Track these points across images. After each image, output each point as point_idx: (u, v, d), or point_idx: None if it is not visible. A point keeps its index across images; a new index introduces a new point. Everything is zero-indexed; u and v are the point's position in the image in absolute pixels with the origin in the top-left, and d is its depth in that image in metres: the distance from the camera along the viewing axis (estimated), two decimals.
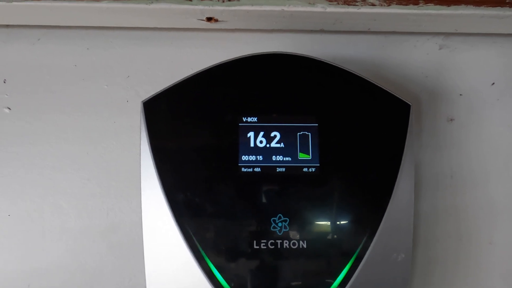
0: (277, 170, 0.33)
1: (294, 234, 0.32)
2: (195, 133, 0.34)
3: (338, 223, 0.33)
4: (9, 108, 0.43)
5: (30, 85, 0.43)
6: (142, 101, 0.35)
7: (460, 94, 0.44)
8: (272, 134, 0.34)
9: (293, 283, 0.32)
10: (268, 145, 0.34)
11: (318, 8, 0.37)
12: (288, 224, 0.32)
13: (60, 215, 0.42)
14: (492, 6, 0.37)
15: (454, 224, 0.43)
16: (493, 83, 0.44)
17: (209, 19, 0.39)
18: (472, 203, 0.43)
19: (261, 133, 0.34)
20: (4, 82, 0.43)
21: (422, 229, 0.43)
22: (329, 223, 0.33)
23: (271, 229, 0.32)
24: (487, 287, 0.43)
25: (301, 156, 0.34)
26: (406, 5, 0.37)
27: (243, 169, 0.33)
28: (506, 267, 0.43)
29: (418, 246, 0.42)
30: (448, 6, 0.37)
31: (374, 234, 0.32)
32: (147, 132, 0.33)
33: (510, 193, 0.43)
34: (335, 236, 0.33)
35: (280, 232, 0.32)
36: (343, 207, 0.33)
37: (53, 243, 0.42)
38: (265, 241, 0.32)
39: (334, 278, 0.32)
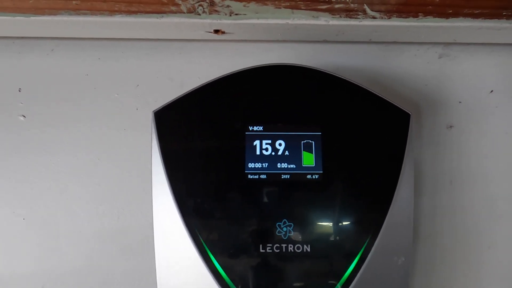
0: (282, 177, 0.35)
1: (298, 238, 0.34)
2: (204, 141, 0.35)
3: (340, 227, 0.34)
4: (24, 116, 0.44)
5: (44, 94, 0.44)
6: (153, 110, 0.36)
7: (460, 102, 0.45)
8: (277, 143, 0.35)
9: (298, 286, 0.33)
10: (273, 153, 0.35)
11: (321, 21, 0.38)
12: (292, 229, 0.34)
13: (73, 219, 0.43)
14: (489, 19, 0.38)
15: (454, 229, 0.44)
16: (492, 91, 0.45)
17: (216, 31, 0.40)
18: (471, 208, 0.44)
19: (267, 142, 0.35)
20: (19, 91, 0.44)
21: (422, 233, 0.44)
22: (332, 227, 0.34)
23: (277, 233, 0.34)
24: None
25: (305, 163, 0.35)
26: (406, 17, 0.38)
27: (249, 176, 0.35)
28: (505, 271, 0.44)
29: (419, 250, 0.43)
30: (447, 19, 0.38)
31: (375, 239, 0.33)
32: (157, 140, 0.35)
33: (509, 199, 0.44)
34: (338, 240, 0.34)
35: (285, 237, 0.34)
36: (345, 213, 0.34)
37: (66, 246, 0.43)
38: (270, 245, 0.33)
39: (337, 280, 0.33)
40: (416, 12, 0.38)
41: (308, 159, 0.35)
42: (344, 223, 0.34)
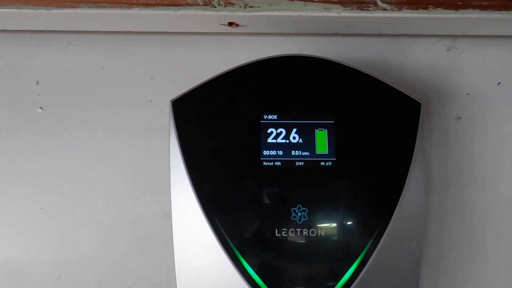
0: (296, 164, 0.36)
1: (312, 223, 0.34)
2: (220, 129, 0.36)
3: (353, 212, 0.35)
4: (42, 108, 0.45)
5: (61, 86, 0.45)
6: (171, 100, 0.37)
7: (468, 94, 0.46)
8: (292, 131, 0.36)
9: (313, 268, 0.34)
10: (287, 141, 0.36)
11: (333, 13, 0.39)
12: (307, 214, 0.35)
13: (89, 208, 0.44)
14: (498, 10, 0.39)
15: (463, 219, 0.45)
16: (499, 83, 0.46)
17: (231, 24, 0.41)
18: (480, 198, 0.45)
19: (281, 130, 0.36)
20: (37, 83, 0.45)
21: (431, 222, 0.44)
22: (344, 212, 0.35)
23: (291, 218, 0.35)
24: (494, 279, 0.45)
25: (319, 151, 0.36)
26: (416, 9, 0.39)
27: (264, 163, 0.35)
28: None
29: (428, 239, 0.44)
30: (456, 10, 0.39)
31: (387, 224, 0.34)
32: (175, 128, 0.36)
33: None
34: (351, 224, 0.35)
35: (299, 221, 0.35)
36: (358, 198, 0.35)
37: (83, 234, 0.44)
38: (285, 229, 0.34)
39: (353, 260, 0.34)
40: (426, 4, 0.38)
41: (322, 146, 0.36)
42: (356, 209, 0.35)
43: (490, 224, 0.45)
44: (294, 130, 0.36)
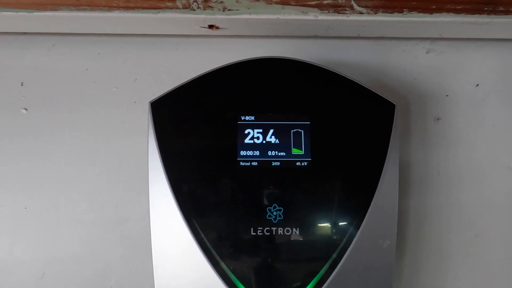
0: (273, 164, 0.36)
1: (287, 222, 0.35)
2: (198, 130, 0.37)
3: (327, 212, 0.36)
4: (26, 109, 0.46)
5: (45, 88, 0.45)
6: (150, 101, 0.37)
7: (447, 95, 0.46)
8: (268, 131, 0.37)
9: (287, 267, 0.35)
10: (264, 141, 0.37)
11: (310, 16, 0.40)
12: (282, 213, 0.35)
13: (73, 208, 0.45)
14: (471, 14, 0.39)
15: (441, 218, 0.45)
16: (478, 85, 0.47)
17: (211, 26, 0.42)
18: (459, 198, 0.45)
19: (258, 131, 0.37)
20: (22, 85, 0.46)
21: (410, 222, 0.45)
22: (319, 212, 0.36)
23: (267, 217, 0.35)
24: (472, 278, 0.45)
25: (295, 151, 0.37)
26: (392, 13, 0.39)
27: (241, 163, 0.36)
28: (492, 259, 0.45)
29: (408, 240, 0.45)
30: (431, 14, 0.40)
31: (361, 223, 0.35)
32: (154, 129, 0.36)
33: (495, 189, 0.46)
34: (325, 224, 0.35)
35: (275, 220, 0.35)
36: (332, 198, 0.36)
37: (66, 234, 0.44)
38: (261, 228, 0.35)
39: (325, 261, 0.34)
40: (401, 7, 0.39)
41: (298, 147, 0.37)
42: (331, 208, 0.36)
43: (469, 224, 0.46)
44: (271, 130, 0.37)
